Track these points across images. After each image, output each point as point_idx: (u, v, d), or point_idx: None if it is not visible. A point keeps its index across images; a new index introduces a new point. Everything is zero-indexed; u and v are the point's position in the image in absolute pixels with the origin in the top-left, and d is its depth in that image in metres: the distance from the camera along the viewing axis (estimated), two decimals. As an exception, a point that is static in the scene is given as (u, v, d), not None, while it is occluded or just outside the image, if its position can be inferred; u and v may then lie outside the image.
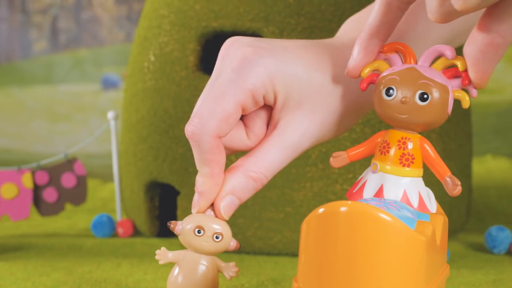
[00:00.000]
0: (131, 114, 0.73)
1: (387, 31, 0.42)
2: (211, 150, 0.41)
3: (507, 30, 0.37)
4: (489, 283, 0.54)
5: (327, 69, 0.43)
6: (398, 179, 0.40)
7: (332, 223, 0.35)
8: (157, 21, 0.70)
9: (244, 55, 0.41)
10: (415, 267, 0.35)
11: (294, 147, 0.42)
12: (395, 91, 0.40)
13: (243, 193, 0.42)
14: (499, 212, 0.84)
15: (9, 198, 0.74)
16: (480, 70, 0.39)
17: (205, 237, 0.42)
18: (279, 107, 0.42)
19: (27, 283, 0.55)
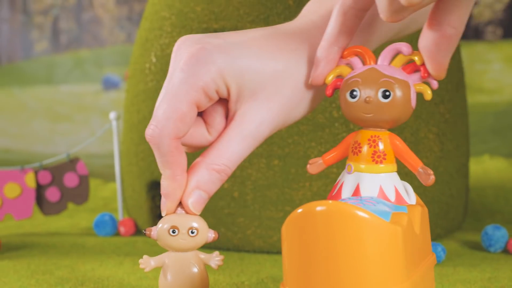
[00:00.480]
0: (133, 114, 0.74)
1: (346, 39, 0.43)
2: (170, 152, 0.41)
3: (457, 20, 0.38)
4: (485, 280, 0.55)
5: (280, 56, 0.43)
6: (373, 176, 0.41)
7: (310, 223, 0.36)
8: (158, 22, 0.71)
9: (191, 54, 0.41)
10: (394, 256, 0.36)
11: (253, 136, 0.43)
12: (359, 92, 0.41)
13: (209, 186, 0.42)
14: (496, 212, 0.85)
15: (12, 197, 0.75)
16: (436, 61, 0.40)
17: (180, 235, 0.43)
18: (234, 99, 0.43)
19: (31, 280, 0.56)
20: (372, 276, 0.36)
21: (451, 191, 0.71)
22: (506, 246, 0.66)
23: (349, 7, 0.42)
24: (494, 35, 1.74)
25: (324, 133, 0.64)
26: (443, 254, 0.62)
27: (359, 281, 0.35)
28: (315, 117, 0.64)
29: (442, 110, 0.69)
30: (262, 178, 0.65)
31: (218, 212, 0.66)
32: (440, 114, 0.69)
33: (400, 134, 0.66)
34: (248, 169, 0.65)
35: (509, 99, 1.72)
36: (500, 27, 1.72)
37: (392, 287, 0.36)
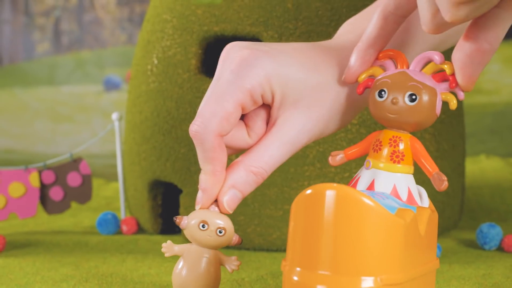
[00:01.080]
0: (135, 115, 0.76)
1: (383, 42, 0.45)
2: (213, 148, 0.43)
3: (493, 37, 0.40)
4: (479, 277, 0.56)
5: (323, 69, 0.45)
6: (389, 175, 0.43)
7: (318, 204, 0.38)
8: (160, 25, 0.73)
9: (242, 57, 0.44)
10: (392, 247, 0.38)
11: (292, 143, 0.45)
12: (387, 92, 0.43)
13: (245, 187, 0.44)
14: (492, 210, 0.86)
15: (17, 196, 0.76)
16: (467, 74, 0.41)
17: (209, 232, 0.44)
18: (277, 106, 0.45)
19: (37, 277, 0.57)
20: (369, 261, 0.38)
21: (447, 190, 0.73)
22: (501, 244, 0.67)
23: (390, 13, 0.44)
24: (492, 36, 1.75)
25: (323, 133, 0.65)
26: (438, 251, 0.63)
27: (356, 263, 0.38)
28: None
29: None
30: (266, 179, 0.66)
31: (219, 210, 0.68)
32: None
33: (396, 134, 0.67)
34: (248, 169, 0.66)
35: (507, 100, 1.73)
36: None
37: (386, 274, 0.38)
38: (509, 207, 0.87)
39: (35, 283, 0.55)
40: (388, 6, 0.44)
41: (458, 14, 0.36)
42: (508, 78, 1.74)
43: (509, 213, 0.85)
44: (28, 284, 0.55)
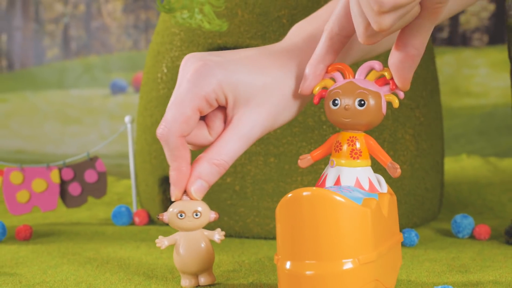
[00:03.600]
0: (146, 118, 0.84)
1: (331, 58, 0.52)
2: (177, 147, 0.51)
3: (419, 43, 0.48)
4: (449, 259, 0.64)
5: (269, 72, 0.53)
6: (351, 170, 0.50)
7: (298, 205, 0.45)
8: (169, 37, 0.81)
9: (196, 68, 0.51)
10: (364, 232, 0.46)
11: (247, 136, 0.52)
12: (339, 101, 0.50)
13: (209, 177, 0.52)
14: (469, 204, 0.94)
15: (39, 191, 0.84)
16: (401, 76, 0.49)
17: (187, 218, 0.52)
18: (230, 106, 0.52)
19: (63, 260, 0.65)
20: (346, 247, 0.45)
21: (426, 185, 0.81)
22: (472, 232, 0.75)
23: (335, 34, 0.51)
24: (480, 42, 1.80)
25: (314, 134, 0.74)
26: (416, 238, 0.71)
27: (336, 250, 0.45)
28: (305, 120, 0.74)
29: (418, 114, 0.79)
30: (260, 173, 0.74)
31: (222, 203, 0.76)
32: (416, 117, 0.79)
33: (380, 135, 0.75)
34: (247, 166, 0.75)
35: (495, 102, 1.78)
36: (486, 34, 1.79)
37: (362, 255, 0.45)
38: (485, 202, 0.95)
39: (63, 264, 0.63)
40: (333, 28, 0.51)
41: (384, 23, 0.44)
42: (496, 81, 1.80)
43: (485, 206, 0.93)
44: (57, 265, 0.63)
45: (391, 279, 0.50)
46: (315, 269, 0.45)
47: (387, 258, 0.49)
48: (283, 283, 0.47)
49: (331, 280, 0.45)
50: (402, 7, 0.43)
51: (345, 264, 0.45)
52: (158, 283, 0.56)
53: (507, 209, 0.91)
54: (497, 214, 0.89)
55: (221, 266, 0.62)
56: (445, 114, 1.81)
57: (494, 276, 0.57)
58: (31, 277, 0.58)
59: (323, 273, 0.44)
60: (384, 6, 0.42)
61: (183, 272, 0.54)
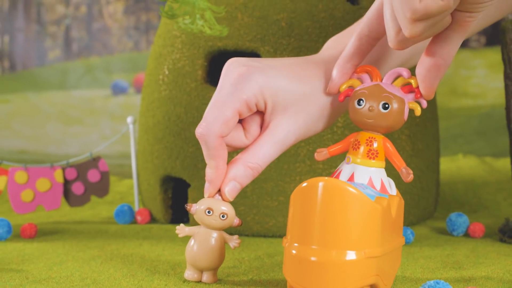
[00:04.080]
0: (148, 119, 0.86)
1: (359, 58, 0.54)
2: (215, 147, 0.53)
3: (446, 54, 0.49)
4: (443, 256, 0.66)
5: (307, 81, 0.55)
6: (366, 169, 0.52)
7: (312, 194, 0.47)
8: (170, 40, 0.83)
9: (239, 73, 0.53)
10: (372, 227, 0.47)
11: (282, 142, 0.54)
12: (364, 101, 0.52)
13: (243, 179, 0.54)
14: (465, 203, 0.96)
15: (43, 191, 0.86)
16: (427, 85, 0.51)
17: (214, 216, 0.54)
18: (269, 112, 0.54)
19: (68, 257, 0.67)
20: (354, 238, 0.47)
21: (422, 185, 0.83)
22: (467, 230, 0.77)
23: (365, 35, 0.53)
24: (478, 43, 1.82)
25: (316, 134, 0.75)
26: (411, 236, 0.73)
27: (343, 240, 0.47)
28: (304, 121, 0.75)
29: (414, 115, 0.81)
30: (260, 173, 0.76)
31: (222, 202, 0.78)
32: (412, 118, 0.80)
33: (376, 136, 0.77)
34: (247, 165, 0.76)
35: (493, 103, 1.80)
36: (483, 35, 1.81)
37: (367, 248, 0.47)
38: (480, 200, 0.97)
39: (68, 261, 0.65)
40: (363, 30, 0.53)
41: (414, 30, 0.45)
42: (493, 82, 1.82)
43: (480, 205, 0.95)
44: (62, 262, 0.65)
45: (389, 278, 0.52)
46: (319, 255, 0.47)
47: (389, 257, 0.51)
48: (288, 265, 0.49)
49: (333, 268, 0.46)
50: (434, 16, 0.44)
51: (349, 255, 0.47)
52: (161, 278, 0.58)
53: (502, 208, 0.92)
54: (492, 212, 0.91)
55: (222, 263, 0.64)
56: (443, 114, 1.83)
57: (487, 272, 0.59)
58: (37, 273, 0.60)
59: (326, 261, 0.46)
60: (417, 14, 0.44)
61: (191, 265, 0.56)
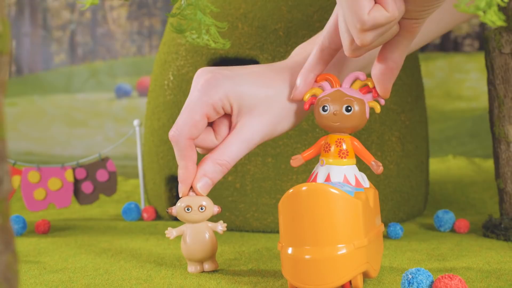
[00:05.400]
0: (154, 122, 0.91)
1: (321, 67, 0.59)
2: (185, 148, 0.58)
3: (398, 57, 0.54)
4: (429, 249, 0.71)
5: (271, 85, 0.59)
6: (339, 168, 0.57)
7: (298, 199, 0.52)
8: (175, 48, 0.88)
9: (206, 79, 0.58)
10: (356, 221, 0.52)
11: (248, 141, 0.58)
12: (328, 107, 0.57)
13: (213, 175, 0.58)
14: (453, 201, 1.01)
15: (55, 190, 0.91)
16: (382, 86, 0.56)
17: (193, 212, 0.59)
18: (235, 114, 0.59)
19: (81, 250, 0.72)
20: (341, 234, 0.52)
21: (411, 183, 0.88)
22: (453, 226, 0.82)
23: (325, 47, 0.58)
24: (471, 47, 1.86)
25: (308, 136, 0.81)
26: (401, 231, 0.78)
27: (332, 237, 0.51)
28: (300, 124, 0.80)
29: (403, 118, 0.86)
30: (259, 172, 0.81)
31: (224, 200, 0.83)
32: (401, 121, 0.86)
33: (368, 138, 0.82)
34: (247, 165, 0.82)
35: (485, 106, 1.81)
36: (477, 40, 1.84)
37: (355, 241, 0.52)
38: (468, 199, 1.02)
39: (81, 254, 0.70)
40: (324, 41, 0.57)
41: (365, 39, 0.50)
42: (486, 85, 1.85)
43: (467, 203, 1.00)
44: (75, 255, 0.70)
45: (377, 262, 0.57)
46: (313, 253, 0.51)
47: (374, 244, 0.56)
48: (286, 266, 0.53)
49: (327, 263, 0.51)
50: (381, 26, 0.49)
51: (340, 249, 0.51)
52: (168, 269, 0.63)
53: (488, 206, 0.97)
54: (478, 210, 0.96)
55: (224, 255, 0.69)
56: (438, 117, 1.89)
57: (468, 263, 0.64)
58: (53, 264, 0.65)
59: (320, 257, 0.51)
60: (365, 25, 0.49)
61: (190, 259, 0.61)
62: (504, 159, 0.77)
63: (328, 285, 0.51)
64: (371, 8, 0.48)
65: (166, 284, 0.57)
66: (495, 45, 0.77)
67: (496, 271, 0.61)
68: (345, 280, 0.52)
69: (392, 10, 0.48)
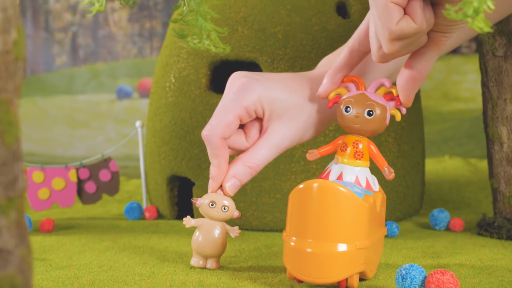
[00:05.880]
0: (155, 123, 0.93)
1: (348, 70, 0.61)
2: (218, 147, 0.60)
3: (422, 68, 0.56)
4: (424, 247, 0.73)
5: (301, 93, 0.62)
6: (353, 168, 0.58)
7: (308, 194, 0.54)
8: (176, 51, 0.90)
9: (241, 83, 0.60)
10: (361, 222, 0.54)
11: (277, 145, 0.61)
12: (351, 109, 0.59)
13: (242, 177, 0.61)
14: (449, 201, 1.03)
15: (58, 189, 0.93)
16: (405, 95, 0.58)
17: (216, 209, 0.61)
18: (266, 118, 0.61)
19: (85, 248, 0.74)
20: (345, 232, 0.53)
21: (407, 183, 0.90)
22: (448, 225, 0.84)
23: (355, 49, 0.60)
24: (469, 49, 1.88)
25: (306, 137, 0.83)
26: (397, 230, 0.80)
27: (336, 234, 0.53)
28: (299, 125, 0.82)
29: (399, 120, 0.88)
30: (258, 172, 0.83)
31: (224, 199, 0.85)
32: (398, 123, 0.88)
33: (365, 138, 0.84)
34: (247, 166, 0.84)
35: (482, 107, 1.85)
36: (474, 42, 1.87)
37: (357, 241, 0.54)
38: (463, 198, 1.04)
39: (85, 252, 0.72)
40: (354, 44, 0.60)
41: (392, 47, 0.52)
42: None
43: (462, 203, 1.02)
44: (80, 252, 0.72)
45: (375, 265, 0.59)
46: (315, 247, 0.53)
47: (374, 247, 0.58)
48: (287, 256, 0.55)
49: (327, 258, 0.53)
50: (409, 37, 0.51)
51: (340, 247, 0.53)
52: (170, 265, 0.65)
53: (483, 205, 1.00)
54: (473, 209, 0.98)
55: (225, 253, 0.71)
56: (436, 118, 1.91)
57: (461, 260, 0.66)
58: (59, 261, 0.67)
59: (321, 252, 0.53)
60: (393, 34, 0.51)
61: (196, 253, 0.63)
62: (498, 159, 0.79)
63: (326, 279, 0.53)
64: (400, 18, 0.50)
65: (169, 280, 0.59)
66: (488, 48, 0.79)
67: (488, 267, 0.63)
68: (342, 277, 0.54)
69: (420, 22, 0.50)
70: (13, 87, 0.30)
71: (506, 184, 0.78)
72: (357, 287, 0.56)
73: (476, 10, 0.39)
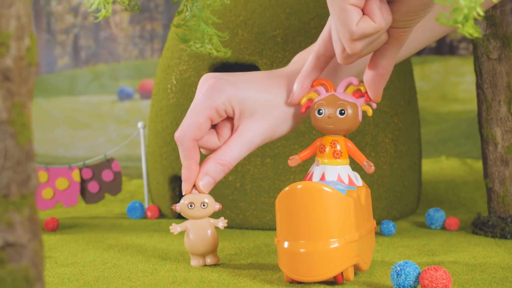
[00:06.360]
0: (157, 124, 0.95)
1: (317, 74, 0.63)
2: (189, 149, 0.61)
3: (387, 64, 0.58)
4: (420, 245, 0.75)
5: (271, 90, 0.63)
6: (333, 168, 0.60)
7: (294, 196, 0.56)
8: (177, 53, 0.92)
9: (209, 84, 0.61)
10: (348, 217, 0.56)
11: (249, 143, 0.62)
12: (324, 110, 0.61)
13: (215, 174, 0.62)
14: (445, 201, 1.05)
15: (62, 189, 0.95)
16: (373, 91, 0.60)
17: (196, 208, 0.63)
18: (237, 117, 0.62)
19: (89, 246, 0.76)
20: (334, 229, 0.55)
21: (404, 183, 0.91)
22: (444, 224, 0.86)
23: (321, 54, 0.61)
24: (467, 51, 1.89)
25: (305, 138, 0.84)
26: (393, 229, 0.82)
27: (325, 232, 0.55)
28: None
29: (396, 121, 0.90)
30: (258, 172, 0.85)
31: (224, 198, 0.87)
32: (395, 123, 0.89)
33: (362, 139, 0.86)
34: (247, 166, 0.85)
35: None
36: (472, 44, 1.89)
37: (346, 235, 0.56)
38: (459, 198, 1.06)
39: (89, 250, 0.74)
40: (320, 49, 0.61)
41: (355, 48, 0.54)
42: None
43: (458, 202, 1.04)
44: (84, 250, 0.74)
45: (368, 256, 0.61)
46: (307, 247, 0.55)
47: (365, 239, 0.60)
48: (282, 259, 0.57)
49: (321, 256, 0.55)
50: (369, 36, 0.53)
51: (333, 243, 0.55)
52: (172, 263, 0.67)
53: (478, 205, 1.01)
54: (469, 209, 1.00)
55: (225, 250, 0.73)
56: (434, 119, 1.92)
57: (455, 257, 0.68)
58: (64, 259, 0.69)
59: (314, 251, 0.55)
60: (354, 35, 0.53)
61: (192, 254, 0.65)
62: (492, 159, 0.80)
63: (322, 276, 0.55)
64: (359, 19, 0.52)
65: (171, 277, 0.61)
66: (483, 51, 0.81)
67: (481, 265, 0.65)
68: (337, 272, 0.56)
69: (379, 21, 0.52)
70: (26, 91, 0.32)
71: (500, 184, 0.80)
72: (353, 279, 0.58)
73: (466, 17, 0.41)
